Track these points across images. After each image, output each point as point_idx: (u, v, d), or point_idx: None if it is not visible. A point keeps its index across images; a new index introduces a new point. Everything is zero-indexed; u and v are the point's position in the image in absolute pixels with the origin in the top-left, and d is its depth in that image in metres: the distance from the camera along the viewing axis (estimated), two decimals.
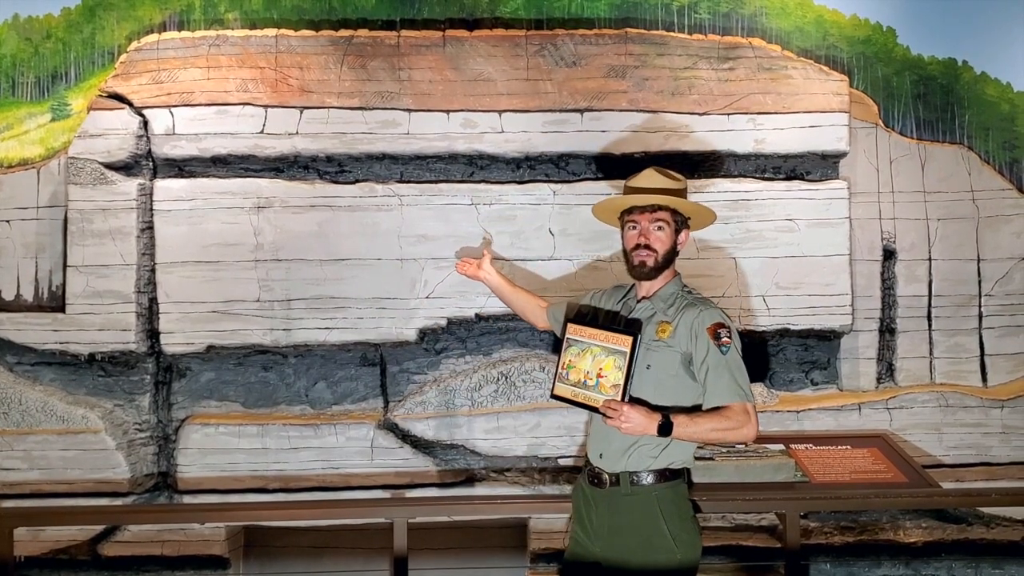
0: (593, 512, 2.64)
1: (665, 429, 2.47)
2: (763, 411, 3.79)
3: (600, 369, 2.56)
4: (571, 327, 2.69)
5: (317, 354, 3.86)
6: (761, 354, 3.98)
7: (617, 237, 3.75)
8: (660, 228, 2.64)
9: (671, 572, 2.57)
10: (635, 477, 2.58)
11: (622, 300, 2.77)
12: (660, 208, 2.64)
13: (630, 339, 2.52)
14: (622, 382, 2.51)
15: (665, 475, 2.60)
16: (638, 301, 2.69)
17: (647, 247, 2.63)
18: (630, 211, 2.69)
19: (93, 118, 3.78)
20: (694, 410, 2.58)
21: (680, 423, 2.48)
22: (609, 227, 3.76)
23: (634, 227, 2.67)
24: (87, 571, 3.73)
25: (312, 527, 3.86)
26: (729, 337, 2.57)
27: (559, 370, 2.69)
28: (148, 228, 3.80)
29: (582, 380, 2.60)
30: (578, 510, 2.73)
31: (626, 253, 2.70)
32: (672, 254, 2.68)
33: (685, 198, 2.70)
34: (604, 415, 2.50)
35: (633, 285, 2.78)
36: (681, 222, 2.70)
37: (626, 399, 2.51)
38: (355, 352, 3.89)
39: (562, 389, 2.67)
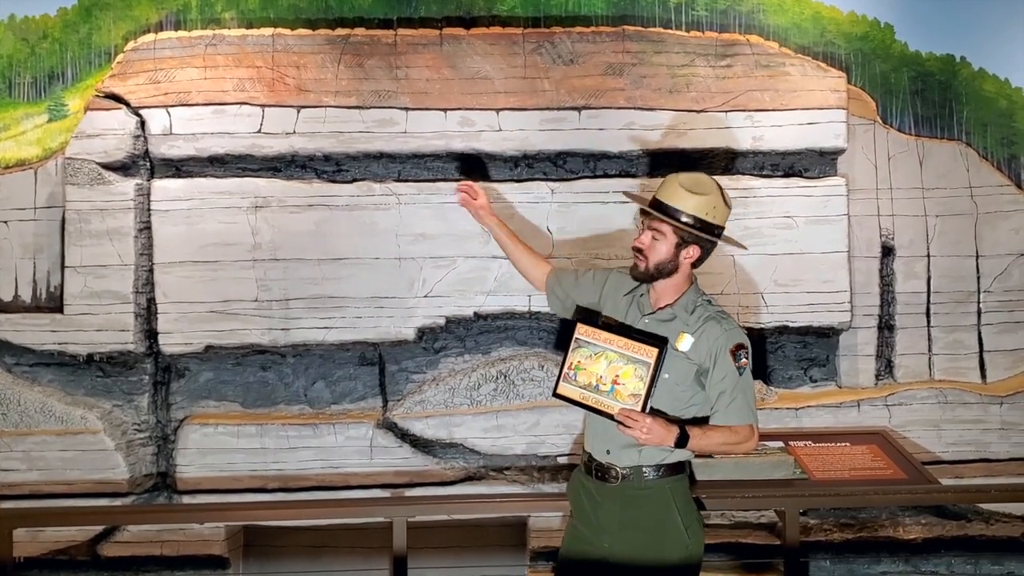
0: (600, 508, 2.62)
1: (682, 442, 2.50)
2: (762, 408, 3.79)
3: (617, 376, 2.51)
4: (582, 328, 2.61)
5: (316, 354, 3.86)
6: (760, 352, 3.98)
7: (616, 236, 3.80)
8: (656, 238, 2.59)
9: (680, 567, 2.57)
10: (648, 471, 2.58)
11: (630, 293, 2.71)
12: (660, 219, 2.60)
13: (656, 351, 2.48)
14: (643, 393, 2.48)
15: (677, 468, 2.62)
16: (659, 307, 2.64)
17: (640, 251, 2.60)
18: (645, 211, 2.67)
19: (90, 118, 3.78)
20: (699, 421, 2.60)
21: (695, 436, 2.52)
22: (608, 226, 3.79)
23: (641, 227, 2.67)
24: (86, 571, 3.73)
25: (311, 526, 3.86)
26: (747, 358, 2.59)
27: (565, 370, 2.60)
28: (146, 228, 3.79)
29: (593, 384, 2.55)
30: (580, 506, 2.70)
31: None
32: (671, 266, 2.60)
33: (700, 218, 2.56)
34: (620, 423, 2.47)
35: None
36: (690, 239, 2.58)
37: (647, 411, 2.48)
38: (354, 351, 3.89)
39: (568, 390, 2.59)
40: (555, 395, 2.65)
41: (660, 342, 2.53)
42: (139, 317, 3.78)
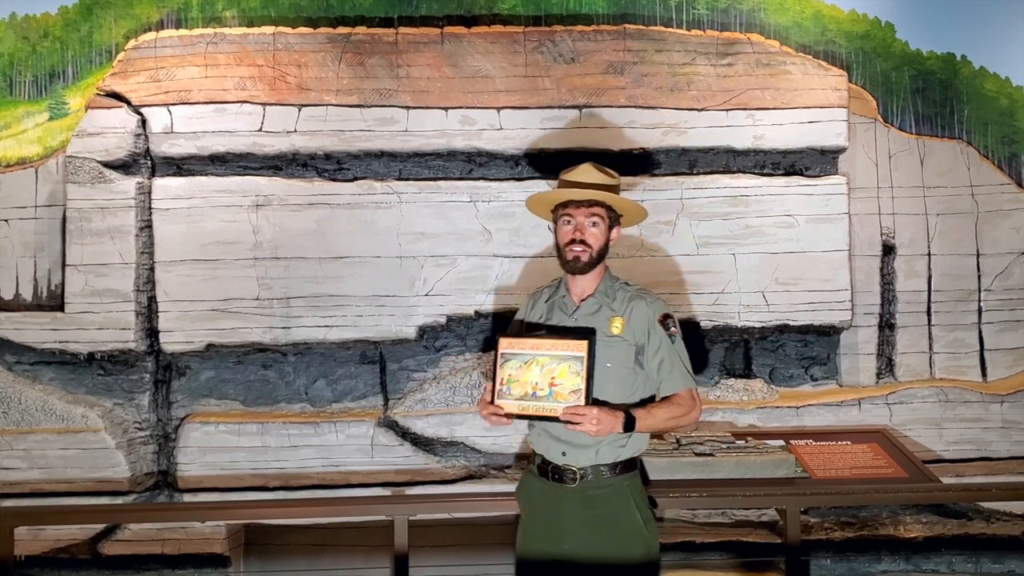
0: (560, 509, 2.59)
1: (629, 425, 2.51)
2: (763, 407, 3.80)
3: (553, 378, 2.50)
4: (505, 341, 2.57)
5: (317, 352, 3.86)
6: (761, 350, 3.99)
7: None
8: (595, 224, 2.61)
9: (643, 565, 2.57)
10: (605, 470, 2.57)
11: (550, 299, 2.72)
12: (596, 203, 2.62)
13: (585, 343, 2.49)
14: (583, 387, 2.47)
15: (631, 465, 2.63)
16: (583, 300, 2.65)
17: (582, 242, 2.60)
18: (565, 205, 2.65)
19: (91, 117, 3.78)
20: (645, 402, 2.61)
21: (640, 417, 2.52)
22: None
23: (568, 221, 2.63)
24: (88, 570, 3.73)
25: (313, 525, 3.85)
26: (675, 326, 2.65)
27: (498, 386, 2.55)
28: (147, 227, 3.79)
29: (530, 392, 2.51)
30: (535, 509, 2.67)
31: (559, 247, 2.66)
32: (605, 250, 2.66)
33: (618, 194, 2.68)
34: (567, 422, 2.46)
35: (560, 283, 2.73)
36: (614, 219, 2.67)
37: (589, 402, 2.48)
38: (355, 350, 3.89)
39: (506, 405, 2.53)
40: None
41: (587, 333, 2.53)
42: (140, 315, 3.78)
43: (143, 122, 3.80)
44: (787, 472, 3.27)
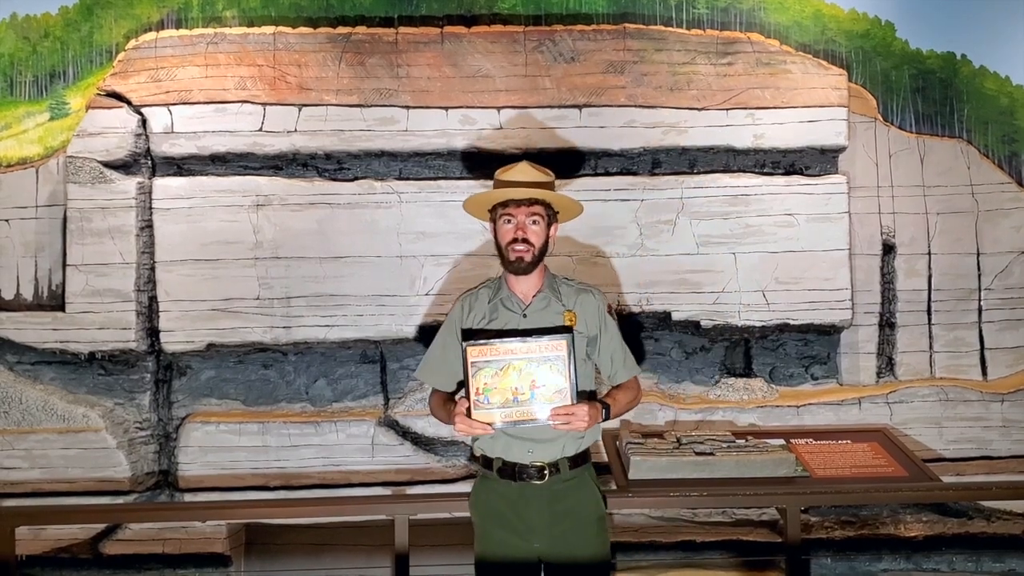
0: (527, 509, 2.57)
1: (607, 413, 2.56)
2: (764, 406, 3.80)
3: (534, 380, 2.46)
4: (474, 350, 2.47)
5: (317, 351, 3.87)
6: (762, 349, 4.00)
7: (617, 235, 3.80)
8: (535, 222, 2.58)
9: (604, 558, 2.59)
10: (568, 463, 2.58)
11: (492, 301, 2.67)
12: (536, 202, 2.59)
13: (564, 342, 2.45)
14: (567, 385, 2.45)
15: (587, 456, 2.65)
16: (532, 297, 2.63)
17: (525, 241, 2.57)
18: (504, 205, 2.59)
19: (91, 117, 3.78)
20: (593, 392, 2.64)
21: (611, 404, 2.59)
22: (608, 224, 3.79)
23: (509, 221, 2.58)
24: (88, 570, 3.74)
25: (313, 524, 3.86)
26: (615, 315, 2.71)
27: (474, 397, 2.46)
28: (147, 226, 3.80)
29: (511, 398, 2.45)
30: (497, 513, 2.63)
31: (500, 248, 2.61)
32: (546, 247, 2.63)
33: (554, 191, 2.66)
34: (556, 423, 2.44)
35: (500, 284, 2.69)
36: (552, 216, 2.64)
37: (575, 400, 2.46)
38: (355, 349, 3.89)
39: (486, 415, 2.46)
40: None
41: (565, 331, 2.51)
42: (141, 315, 3.78)
43: (143, 122, 3.80)
44: (787, 471, 3.26)
